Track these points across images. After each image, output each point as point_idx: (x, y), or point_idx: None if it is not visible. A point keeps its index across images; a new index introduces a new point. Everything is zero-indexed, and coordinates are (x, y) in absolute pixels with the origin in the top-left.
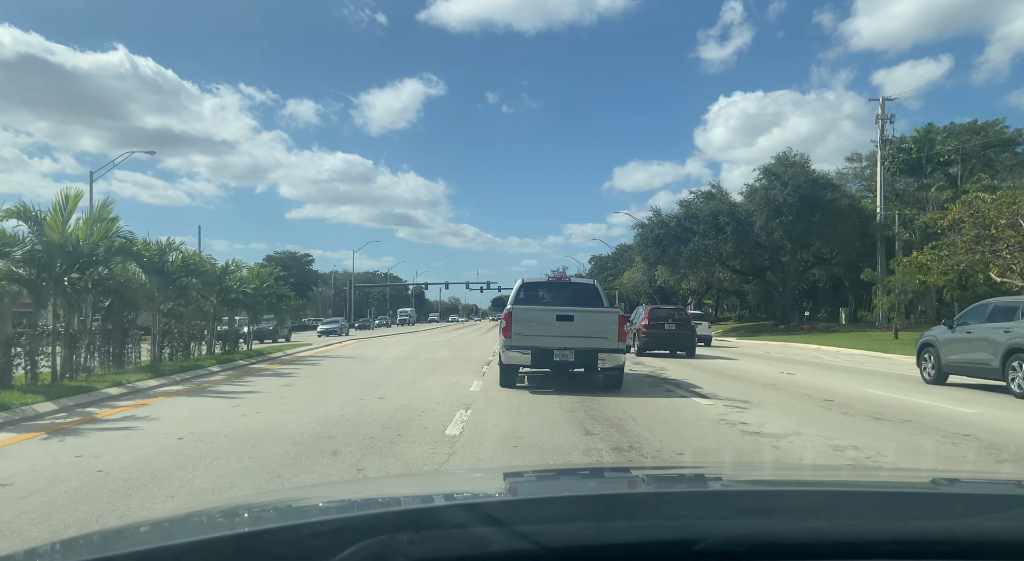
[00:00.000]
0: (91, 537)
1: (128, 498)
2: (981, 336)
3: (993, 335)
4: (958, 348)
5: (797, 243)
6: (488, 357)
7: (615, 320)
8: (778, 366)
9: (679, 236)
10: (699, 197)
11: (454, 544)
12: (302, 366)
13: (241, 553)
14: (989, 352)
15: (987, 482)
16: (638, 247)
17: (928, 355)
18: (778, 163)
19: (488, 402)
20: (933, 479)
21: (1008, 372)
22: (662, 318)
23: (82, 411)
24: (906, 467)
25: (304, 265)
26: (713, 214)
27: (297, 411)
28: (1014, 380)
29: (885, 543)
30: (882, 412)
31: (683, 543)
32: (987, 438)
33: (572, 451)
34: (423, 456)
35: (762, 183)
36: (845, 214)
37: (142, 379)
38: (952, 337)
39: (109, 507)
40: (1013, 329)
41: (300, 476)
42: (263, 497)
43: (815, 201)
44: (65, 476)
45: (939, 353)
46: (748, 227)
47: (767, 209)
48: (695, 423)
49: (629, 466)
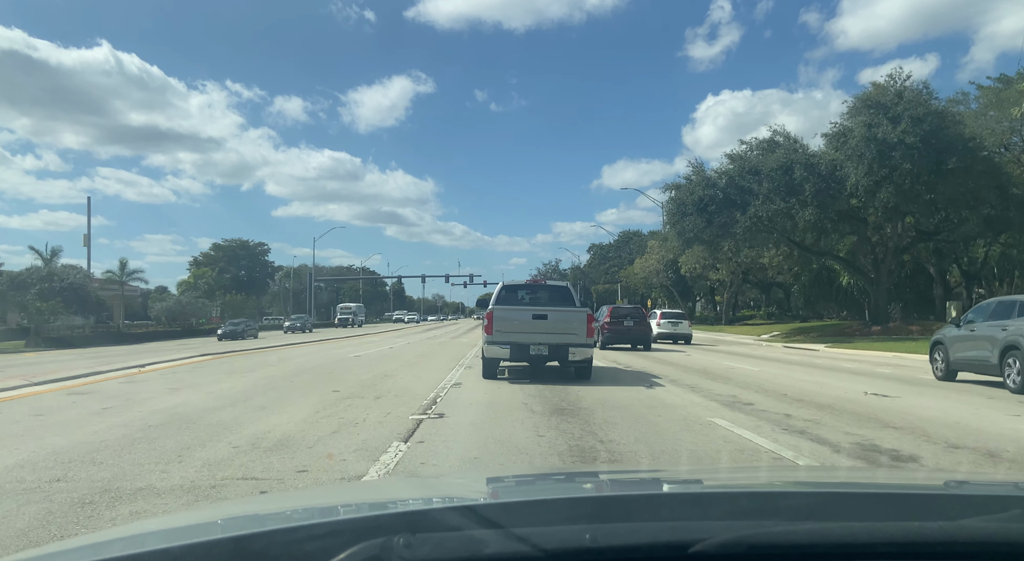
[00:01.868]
0: (85, 541)
1: None
2: (983, 334)
3: (992, 332)
4: (964, 346)
5: (915, 205)
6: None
7: (583, 318)
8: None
9: (732, 199)
10: (756, 147)
11: (450, 546)
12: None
13: (237, 556)
14: (988, 349)
15: (984, 483)
16: (671, 217)
17: (939, 353)
18: (878, 92)
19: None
20: (929, 480)
21: (1004, 368)
22: (622, 316)
23: None
24: (902, 468)
25: (258, 255)
26: (783, 167)
27: None
28: (1009, 375)
29: (881, 545)
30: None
31: (680, 545)
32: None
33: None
34: None
35: (859, 121)
36: (988, 166)
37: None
38: (959, 335)
39: None
40: (1009, 326)
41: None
42: (258, 500)
43: (947, 143)
44: None
45: (948, 351)
46: (836, 185)
47: (868, 156)
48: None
49: (624, 468)
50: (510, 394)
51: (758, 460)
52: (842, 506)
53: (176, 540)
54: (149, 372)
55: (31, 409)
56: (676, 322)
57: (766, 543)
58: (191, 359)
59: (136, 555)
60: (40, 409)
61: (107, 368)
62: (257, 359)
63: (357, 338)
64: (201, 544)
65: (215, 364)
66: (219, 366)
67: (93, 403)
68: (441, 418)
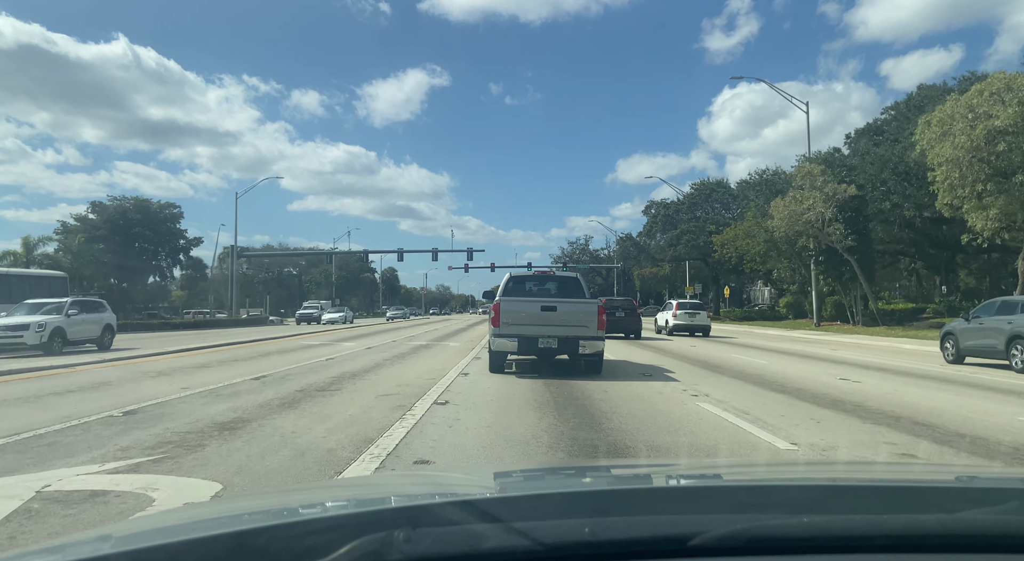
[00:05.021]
0: (84, 537)
1: None
2: (991, 326)
3: (999, 325)
4: (973, 336)
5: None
6: None
7: (595, 310)
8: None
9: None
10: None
11: (450, 541)
12: None
13: (238, 551)
14: (996, 338)
15: (982, 476)
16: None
17: (949, 342)
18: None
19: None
20: (927, 473)
21: (1011, 353)
22: (613, 308)
23: None
24: (900, 461)
25: (163, 219)
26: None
27: None
28: (1014, 358)
29: (879, 537)
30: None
31: (679, 538)
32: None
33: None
34: None
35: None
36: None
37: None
38: (968, 327)
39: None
40: (1014, 320)
41: None
42: (259, 495)
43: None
44: None
45: (958, 340)
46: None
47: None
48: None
49: (623, 462)
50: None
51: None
52: (840, 499)
53: (177, 536)
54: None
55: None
56: (693, 313)
57: (765, 536)
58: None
59: (137, 551)
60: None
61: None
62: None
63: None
64: (202, 540)
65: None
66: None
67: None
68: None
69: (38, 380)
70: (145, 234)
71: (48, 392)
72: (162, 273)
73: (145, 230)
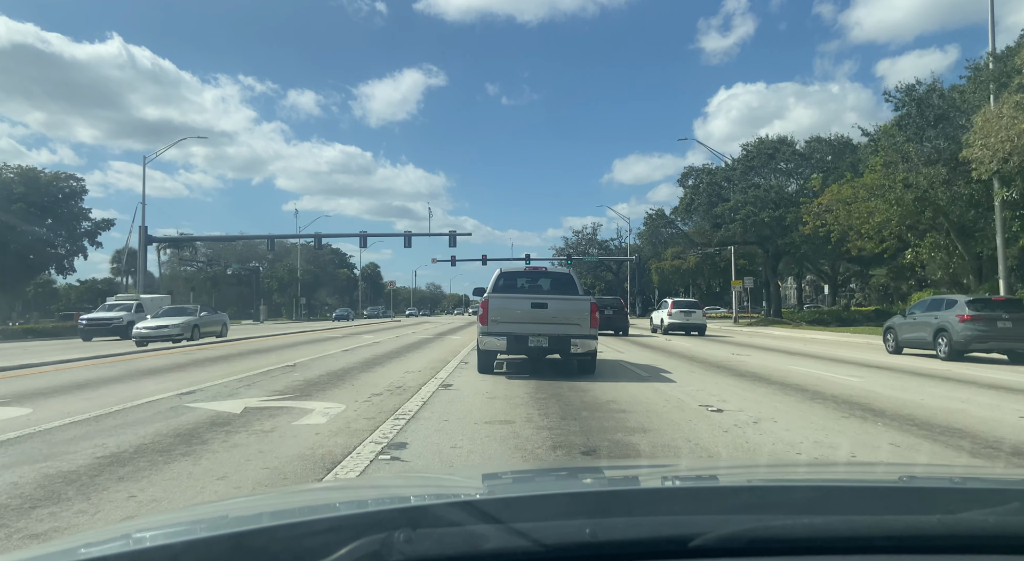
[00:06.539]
0: (86, 539)
1: None
2: (922, 321)
3: (928, 320)
4: (908, 329)
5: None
6: None
7: (587, 307)
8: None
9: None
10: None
11: (450, 542)
12: None
13: (237, 552)
14: (926, 331)
15: (983, 477)
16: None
17: (890, 335)
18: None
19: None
20: (928, 474)
21: (936, 344)
22: (603, 307)
23: None
24: (902, 462)
25: (61, 196)
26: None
27: None
28: (939, 347)
29: (881, 538)
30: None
31: (680, 539)
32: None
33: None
34: None
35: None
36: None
37: None
38: (905, 322)
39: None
40: (939, 316)
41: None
42: (258, 496)
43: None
44: None
45: (897, 333)
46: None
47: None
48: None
49: (623, 463)
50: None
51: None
52: (841, 500)
53: (177, 537)
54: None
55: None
56: (689, 312)
57: (766, 537)
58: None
59: (137, 552)
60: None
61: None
62: None
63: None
64: (202, 540)
65: None
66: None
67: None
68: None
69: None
70: (29, 210)
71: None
72: (60, 265)
73: (32, 209)
